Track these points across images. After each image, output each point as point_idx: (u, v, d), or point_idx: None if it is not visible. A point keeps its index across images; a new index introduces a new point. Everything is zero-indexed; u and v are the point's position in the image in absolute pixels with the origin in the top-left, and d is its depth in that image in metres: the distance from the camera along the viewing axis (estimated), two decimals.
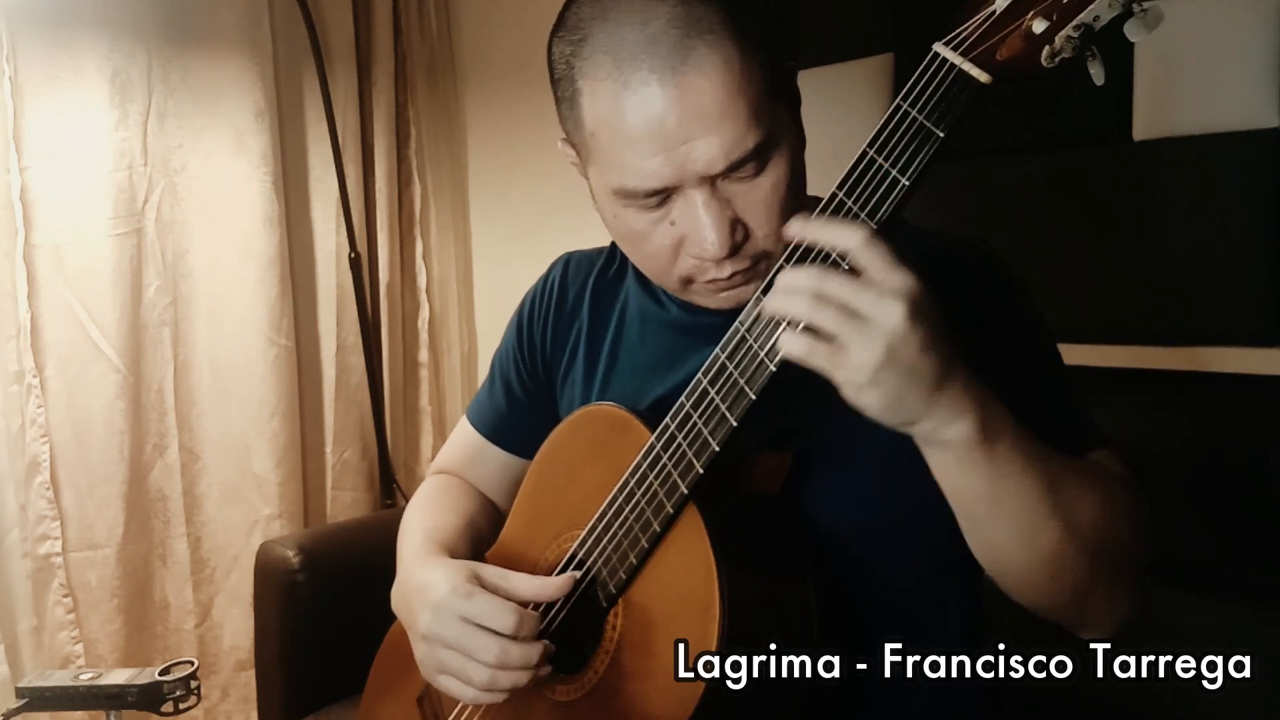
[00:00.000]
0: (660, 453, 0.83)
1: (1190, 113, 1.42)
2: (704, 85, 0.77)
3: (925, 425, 0.71)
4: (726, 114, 0.78)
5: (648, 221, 0.84)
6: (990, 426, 0.72)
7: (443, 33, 2.41)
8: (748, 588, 0.79)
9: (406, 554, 1.02)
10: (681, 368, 0.95)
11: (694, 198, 0.81)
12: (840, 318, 0.68)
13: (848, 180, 0.71)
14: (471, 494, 1.16)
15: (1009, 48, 0.62)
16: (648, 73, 0.78)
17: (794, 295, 0.70)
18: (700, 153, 0.78)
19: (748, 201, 0.82)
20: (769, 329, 0.75)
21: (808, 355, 0.69)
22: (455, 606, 0.87)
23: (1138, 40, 0.58)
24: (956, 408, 0.70)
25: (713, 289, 0.87)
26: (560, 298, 1.11)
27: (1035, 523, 0.75)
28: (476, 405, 1.20)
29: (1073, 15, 0.59)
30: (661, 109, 0.78)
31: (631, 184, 0.82)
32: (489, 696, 0.88)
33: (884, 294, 0.67)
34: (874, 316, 0.67)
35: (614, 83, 0.79)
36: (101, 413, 1.96)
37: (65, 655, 1.91)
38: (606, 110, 0.81)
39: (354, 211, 2.24)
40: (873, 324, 0.67)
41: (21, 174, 1.85)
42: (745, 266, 0.84)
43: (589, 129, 0.83)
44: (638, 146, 0.80)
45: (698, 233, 0.81)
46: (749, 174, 0.81)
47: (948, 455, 0.73)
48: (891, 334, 0.66)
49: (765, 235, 0.83)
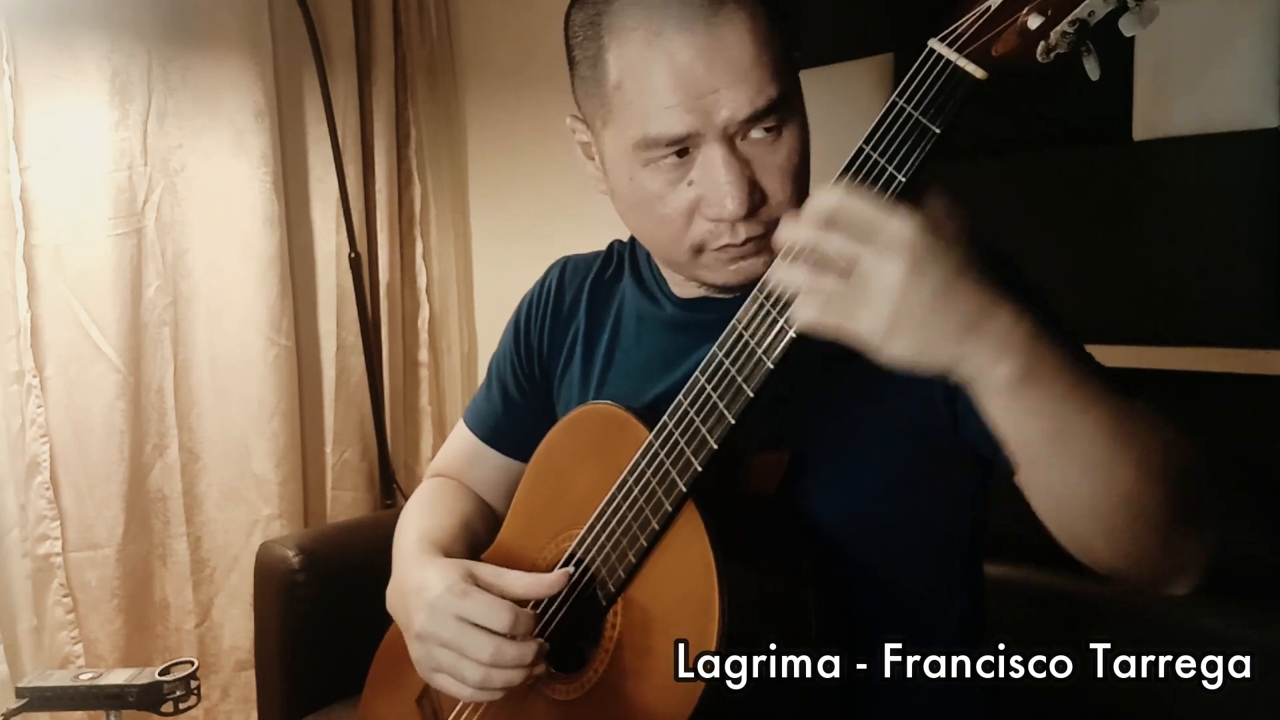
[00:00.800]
0: (658, 451, 0.83)
1: (1190, 113, 1.42)
2: (733, 37, 0.80)
3: (967, 369, 0.67)
4: (752, 66, 0.80)
5: (665, 183, 0.85)
6: (1042, 364, 0.67)
7: (443, 33, 2.41)
8: (747, 587, 0.79)
9: (402, 554, 1.03)
10: (678, 367, 0.95)
11: (714, 155, 0.82)
12: (840, 283, 0.67)
13: (845, 177, 0.71)
14: (468, 496, 1.16)
15: (1004, 43, 0.62)
16: (679, 20, 0.80)
17: (794, 265, 0.69)
18: (726, 101, 0.80)
19: (766, 164, 0.83)
20: (767, 327, 0.75)
21: (819, 321, 0.68)
22: (450, 605, 0.88)
23: (1132, 35, 0.58)
24: (999, 348, 0.67)
25: (724, 257, 0.87)
26: (557, 300, 1.11)
27: (1106, 460, 0.70)
28: (474, 409, 1.20)
29: (1068, 10, 0.59)
30: (692, 57, 0.80)
31: (654, 130, 0.82)
32: (483, 695, 0.89)
33: (883, 246, 0.65)
34: (876, 270, 0.65)
35: (646, 30, 0.81)
36: (101, 413, 1.96)
37: (65, 655, 1.91)
38: (636, 58, 0.82)
39: (354, 211, 2.24)
40: (876, 278, 0.65)
41: (21, 174, 1.85)
42: (759, 233, 0.84)
43: (614, 81, 0.84)
44: (665, 93, 0.81)
45: (716, 190, 0.82)
46: (770, 131, 0.82)
47: (1002, 399, 0.69)
48: (896, 285, 0.65)
49: (780, 202, 0.84)
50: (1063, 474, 0.71)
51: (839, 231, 0.67)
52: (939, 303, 0.65)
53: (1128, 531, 0.73)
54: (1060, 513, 0.74)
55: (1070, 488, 0.71)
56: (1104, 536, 0.74)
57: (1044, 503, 0.74)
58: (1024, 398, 0.68)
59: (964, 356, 0.67)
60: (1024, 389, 0.67)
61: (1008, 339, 0.67)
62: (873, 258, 0.65)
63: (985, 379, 0.68)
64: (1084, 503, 0.72)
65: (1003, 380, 0.67)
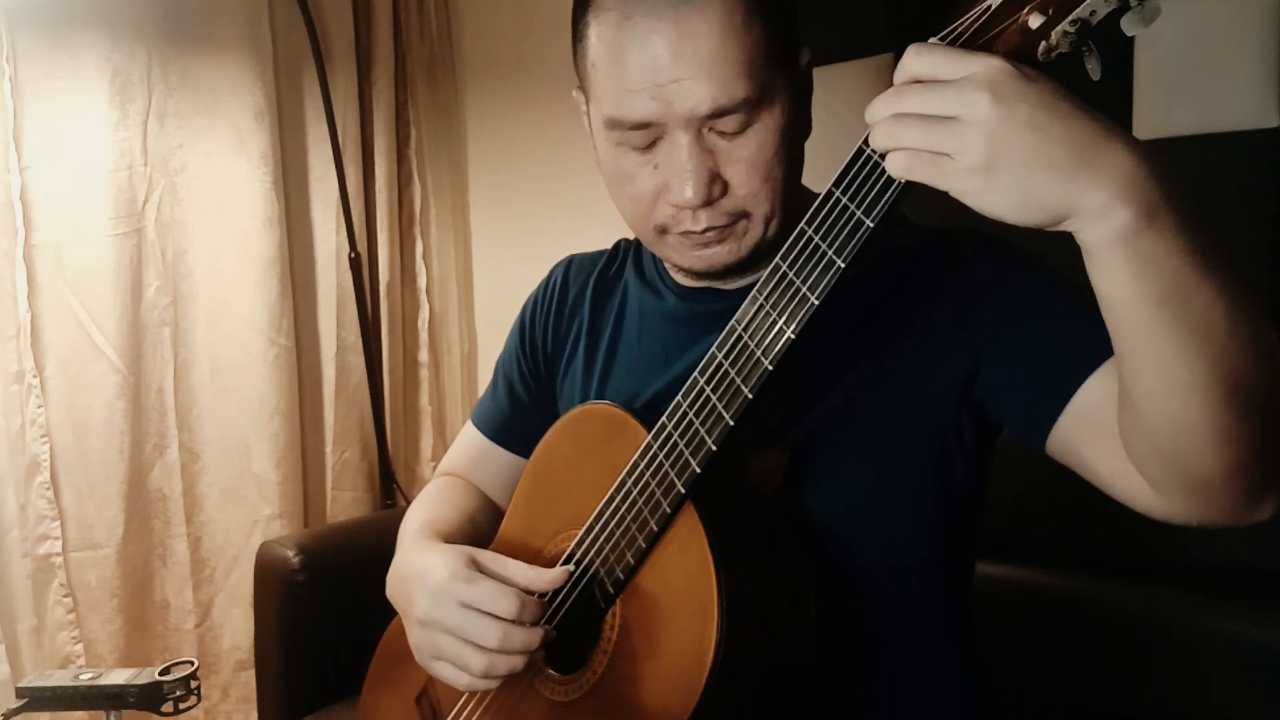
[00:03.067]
0: (657, 452, 0.83)
1: (1190, 113, 1.42)
2: (702, 28, 0.79)
3: (1082, 213, 0.60)
4: (719, 59, 0.79)
5: (634, 163, 0.86)
6: (1168, 209, 0.60)
7: (443, 33, 2.41)
8: (746, 587, 0.79)
9: (404, 543, 1.02)
10: (679, 361, 0.95)
11: (678, 141, 0.82)
12: (927, 128, 0.62)
13: (845, 176, 0.71)
14: (474, 493, 1.17)
15: (1005, 43, 0.62)
16: (649, 7, 0.80)
17: (878, 127, 0.65)
18: (689, 93, 0.80)
19: (730, 158, 0.83)
20: (766, 328, 0.75)
21: (909, 171, 0.64)
22: (455, 591, 0.87)
23: (1134, 34, 0.57)
24: (1118, 187, 0.59)
25: (687, 243, 0.88)
26: (561, 298, 1.11)
27: (1223, 334, 0.62)
28: (481, 408, 1.20)
29: (1069, 10, 0.58)
30: (658, 44, 0.80)
31: (618, 112, 0.83)
32: (484, 683, 0.87)
33: (964, 87, 0.60)
34: (960, 114, 0.60)
35: (619, 14, 0.81)
36: (101, 413, 1.96)
37: (65, 655, 1.91)
38: (608, 40, 0.83)
39: (354, 211, 2.24)
40: (962, 122, 0.60)
41: (21, 174, 1.85)
42: (721, 223, 0.85)
43: (591, 59, 0.85)
44: (631, 78, 0.81)
45: (677, 177, 0.83)
46: (734, 128, 0.82)
47: (1119, 250, 0.61)
48: (985, 124, 0.59)
49: (744, 195, 0.84)
50: (1177, 345, 0.63)
51: (918, 89, 0.63)
52: (1038, 135, 0.59)
53: (1236, 420, 0.65)
54: (1164, 398, 0.66)
55: (1185, 360, 0.63)
56: (1211, 426, 0.65)
57: (1147, 383, 0.66)
58: (1145, 249, 0.60)
59: (1077, 196, 0.59)
60: (1146, 238, 0.60)
61: (1130, 176, 0.59)
62: (955, 96, 0.60)
63: (1103, 225, 0.60)
64: (1196, 379, 0.64)
65: (1124, 225, 0.59)
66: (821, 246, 0.72)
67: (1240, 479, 0.68)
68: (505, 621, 0.85)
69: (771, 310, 0.75)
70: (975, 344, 0.84)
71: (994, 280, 0.85)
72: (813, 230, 0.73)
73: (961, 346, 0.85)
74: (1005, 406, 0.84)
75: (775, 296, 0.75)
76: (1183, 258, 0.60)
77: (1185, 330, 0.62)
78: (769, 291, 0.76)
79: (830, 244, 0.72)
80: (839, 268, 0.71)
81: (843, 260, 0.71)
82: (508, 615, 0.85)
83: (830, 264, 0.71)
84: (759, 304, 0.76)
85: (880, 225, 0.69)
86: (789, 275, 0.74)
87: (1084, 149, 0.59)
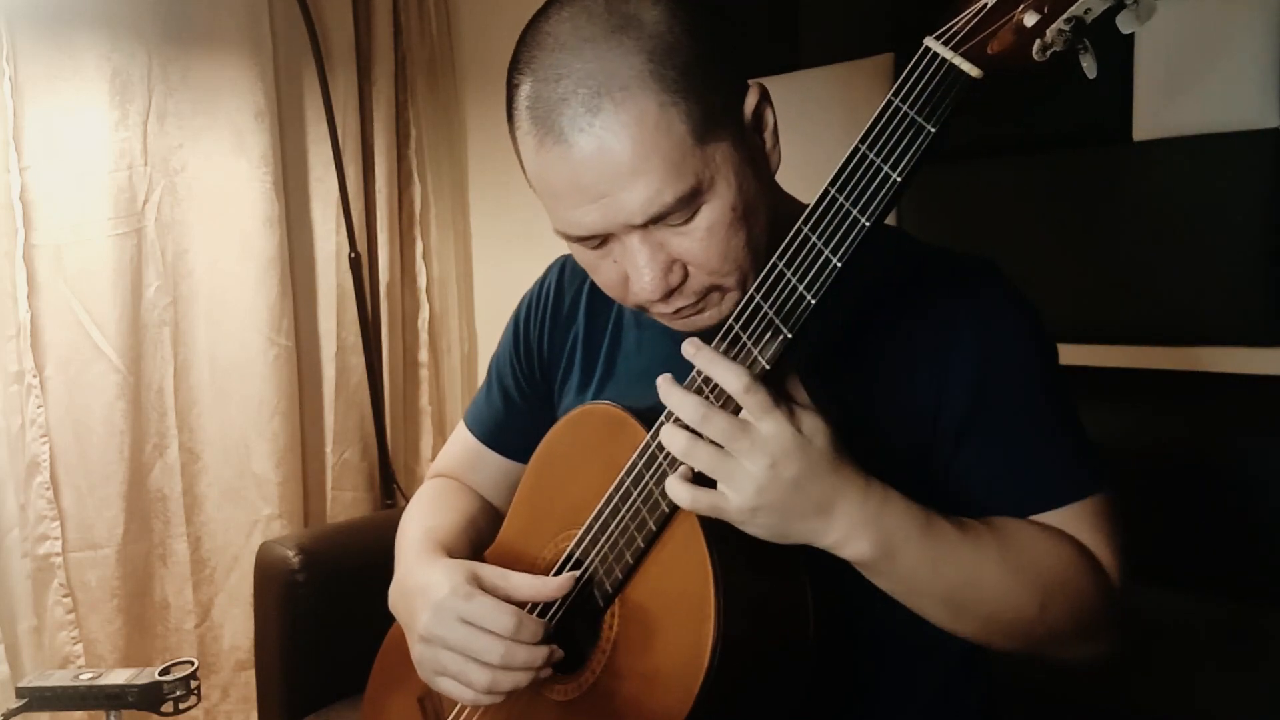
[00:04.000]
0: (656, 452, 0.82)
1: (1190, 113, 1.42)
2: (613, 144, 0.76)
3: (824, 542, 0.77)
4: (639, 171, 0.76)
5: (594, 258, 0.85)
6: (892, 539, 0.77)
7: (443, 33, 2.42)
8: (744, 587, 0.79)
9: (405, 553, 1.02)
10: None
11: (628, 242, 0.81)
12: (717, 458, 0.74)
13: (840, 176, 0.71)
14: (471, 495, 1.16)
15: (1000, 41, 0.62)
16: (559, 132, 0.77)
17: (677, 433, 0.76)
18: (620, 206, 0.78)
19: (682, 245, 0.81)
20: (762, 328, 0.75)
21: (691, 505, 0.76)
22: (455, 608, 0.87)
23: (1129, 32, 0.57)
24: (851, 528, 0.76)
25: (665, 319, 0.88)
26: (556, 302, 1.10)
27: (959, 606, 0.81)
28: (474, 410, 1.19)
29: (1064, 8, 0.58)
30: (574, 167, 0.78)
31: (561, 228, 0.83)
32: (487, 699, 0.88)
33: (755, 441, 0.72)
34: (743, 463, 0.73)
35: (533, 139, 0.80)
36: (101, 413, 1.96)
37: (65, 655, 1.91)
38: (530, 162, 0.82)
39: (354, 211, 2.24)
40: (742, 469, 0.73)
41: (21, 174, 1.85)
42: (690, 302, 0.84)
43: (525, 171, 0.85)
44: (561, 199, 0.81)
45: (634, 272, 0.82)
46: (679, 220, 0.79)
47: (860, 567, 0.79)
48: (757, 479, 0.73)
49: (707, 274, 0.82)
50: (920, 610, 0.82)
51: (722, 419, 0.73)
52: (796, 493, 0.74)
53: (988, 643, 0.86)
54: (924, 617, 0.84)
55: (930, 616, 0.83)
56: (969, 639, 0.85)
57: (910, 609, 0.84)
58: (877, 568, 0.78)
59: (817, 534, 0.76)
60: (876, 562, 0.77)
61: (857, 517, 0.76)
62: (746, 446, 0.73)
63: (846, 551, 0.77)
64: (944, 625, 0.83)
65: (858, 556, 0.77)
66: (819, 246, 0.72)
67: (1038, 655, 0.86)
68: (507, 639, 0.85)
69: (769, 311, 0.75)
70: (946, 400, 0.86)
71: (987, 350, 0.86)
72: (809, 229, 0.73)
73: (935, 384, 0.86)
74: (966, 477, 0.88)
75: (771, 298, 0.75)
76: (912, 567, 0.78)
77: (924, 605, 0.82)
78: (765, 293, 0.76)
79: (827, 243, 0.72)
80: (835, 267, 0.71)
81: (839, 259, 0.71)
82: (505, 633, 0.85)
83: (827, 263, 0.71)
84: (754, 303, 0.76)
85: (876, 223, 0.70)
86: (786, 275, 0.74)
87: (826, 501, 0.75)
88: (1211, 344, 1.44)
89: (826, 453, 0.74)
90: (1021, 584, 0.81)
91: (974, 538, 0.80)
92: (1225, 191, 1.40)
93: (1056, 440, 0.87)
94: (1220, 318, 1.42)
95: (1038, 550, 0.83)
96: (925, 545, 0.78)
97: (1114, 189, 1.50)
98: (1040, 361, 0.88)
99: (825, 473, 0.74)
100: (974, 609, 0.81)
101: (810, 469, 0.73)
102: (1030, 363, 0.87)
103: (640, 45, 0.76)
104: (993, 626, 0.83)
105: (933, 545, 0.78)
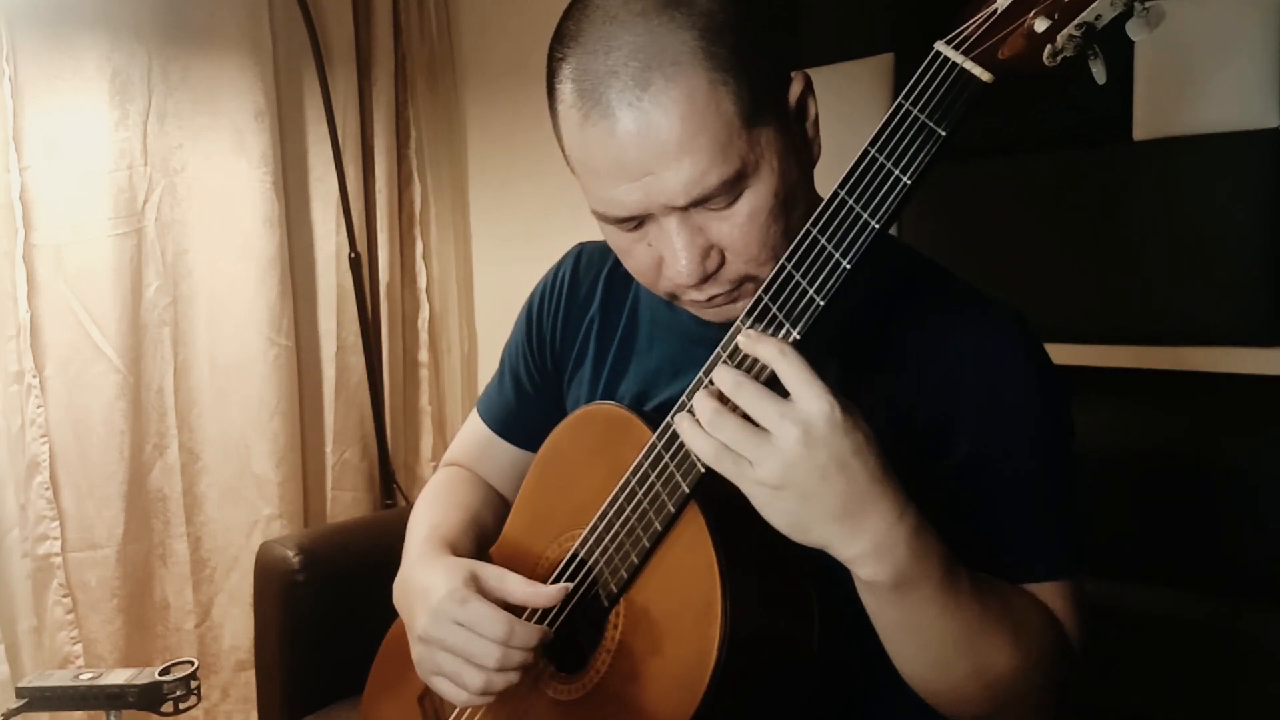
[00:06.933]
0: (662, 452, 0.83)
1: (1190, 113, 1.42)
2: (661, 120, 0.74)
3: (840, 553, 0.72)
4: (686, 150, 0.75)
5: (628, 240, 0.84)
6: (912, 572, 0.72)
7: (443, 33, 2.41)
8: (750, 587, 0.79)
9: (411, 550, 1.03)
10: (688, 375, 0.95)
11: (666, 224, 0.79)
12: (743, 431, 0.70)
13: (850, 179, 0.71)
14: (479, 487, 1.16)
15: (1011, 46, 0.62)
16: (605, 106, 0.76)
17: (707, 400, 0.73)
18: (663, 185, 0.76)
19: (721, 231, 0.79)
20: (772, 330, 0.75)
21: (714, 461, 0.72)
22: (450, 611, 0.88)
23: (1139, 39, 0.58)
24: (877, 547, 0.71)
25: (699, 306, 0.86)
26: (571, 291, 1.09)
27: (945, 659, 0.77)
28: (486, 399, 1.19)
29: (1075, 14, 0.59)
30: (619, 143, 0.76)
31: (600, 209, 0.82)
32: (481, 700, 0.89)
33: (788, 413, 0.69)
34: (775, 435, 0.69)
35: (577, 112, 0.78)
36: (101, 413, 1.95)
37: (65, 655, 1.91)
38: (575, 138, 0.80)
39: (354, 211, 2.24)
40: (772, 441, 0.69)
41: (21, 174, 1.84)
42: (724, 290, 0.83)
43: (565, 151, 0.83)
44: (602, 177, 0.79)
45: (670, 256, 0.81)
46: (721, 205, 0.78)
47: (864, 585, 0.75)
48: (786, 454, 0.68)
49: (743, 262, 0.81)
50: (903, 651, 0.79)
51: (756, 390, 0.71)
52: (823, 482, 0.69)
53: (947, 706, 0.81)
54: (895, 663, 0.81)
55: (907, 660, 0.79)
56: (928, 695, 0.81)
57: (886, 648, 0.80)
58: (884, 596, 0.74)
59: (837, 541, 0.71)
60: (888, 590, 0.73)
61: (886, 537, 0.71)
62: (776, 415, 0.69)
63: (857, 570, 0.73)
64: (916, 674, 0.80)
65: (872, 579, 0.73)
66: (828, 248, 0.72)
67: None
68: (500, 644, 0.86)
69: (778, 313, 0.75)
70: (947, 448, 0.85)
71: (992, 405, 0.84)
72: (818, 232, 0.73)
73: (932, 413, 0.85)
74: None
75: (781, 300, 0.75)
76: (922, 605, 0.74)
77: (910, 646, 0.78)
78: (773, 295, 0.76)
79: (837, 246, 0.72)
80: (845, 269, 0.71)
81: (849, 261, 0.71)
82: (496, 639, 0.86)
83: (837, 265, 0.72)
84: (763, 304, 0.76)
85: (885, 226, 0.70)
86: (795, 277, 0.74)
87: (853, 506, 0.70)
88: (1212, 344, 1.44)
89: (863, 452, 0.70)
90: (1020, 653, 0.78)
91: (982, 596, 0.77)
92: (1225, 192, 1.40)
93: (1049, 509, 0.85)
94: (1221, 318, 1.42)
95: (1035, 623, 0.81)
96: (941, 589, 0.74)
97: (1114, 189, 1.50)
98: (1047, 419, 0.86)
99: (859, 473, 0.69)
100: (958, 665, 0.77)
101: (843, 462, 0.69)
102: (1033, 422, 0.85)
103: (692, 22, 0.75)
104: (965, 686, 0.79)
105: (946, 592, 0.74)
